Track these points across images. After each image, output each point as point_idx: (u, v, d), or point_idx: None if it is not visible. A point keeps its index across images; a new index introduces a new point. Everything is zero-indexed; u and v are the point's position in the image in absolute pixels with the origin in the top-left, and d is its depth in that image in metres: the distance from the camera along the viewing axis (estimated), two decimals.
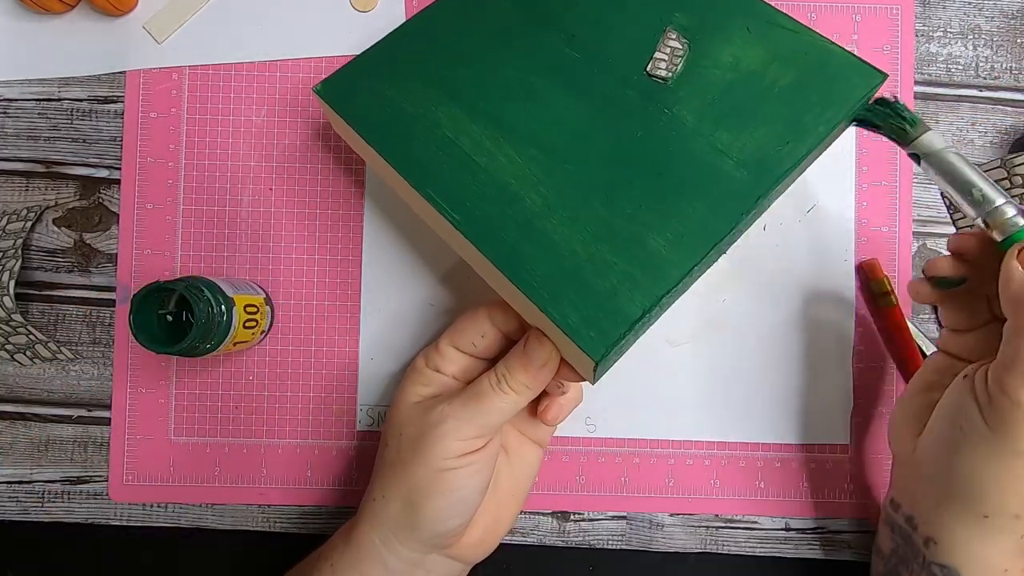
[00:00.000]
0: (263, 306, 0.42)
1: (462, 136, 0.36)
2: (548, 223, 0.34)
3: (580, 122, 0.36)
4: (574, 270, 0.33)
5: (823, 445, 0.44)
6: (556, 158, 0.35)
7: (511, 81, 0.37)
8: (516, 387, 0.34)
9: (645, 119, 0.36)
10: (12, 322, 0.42)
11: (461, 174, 0.35)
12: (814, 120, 0.35)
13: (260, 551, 0.44)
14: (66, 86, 0.45)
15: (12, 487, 0.44)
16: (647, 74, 0.37)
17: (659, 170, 0.35)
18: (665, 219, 0.34)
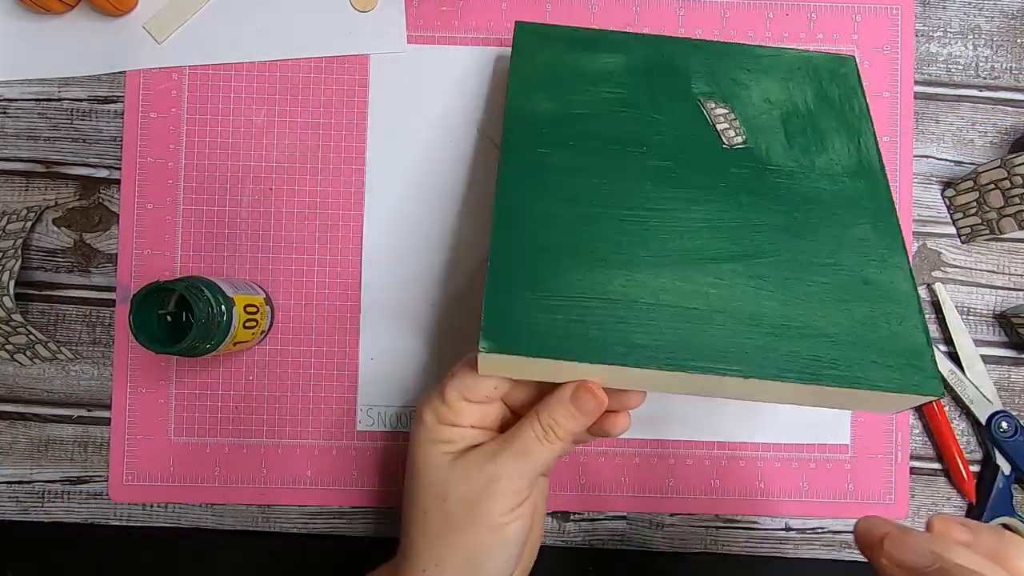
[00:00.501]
0: (263, 306, 0.42)
1: (638, 292, 0.34)
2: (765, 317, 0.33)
3: (718, 218, 0.36)
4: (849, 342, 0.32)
5: (823, 445, 0.44)
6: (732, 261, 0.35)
7: (633, 220, 0.36)
8: (563, 435, 0.34)
9: (758, 186, 0.37)
10: (12, 322, 0.42)
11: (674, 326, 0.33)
12: (851, 111, 0.40)
13: (260, 551, 0.44)
14: (66, 86, 0.45)
15: (12, 487, 0.44)
16: (729, 147, 0.38)
17: (807, 217, 0.36)
18: (849, 251, 0.35)
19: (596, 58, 0.41)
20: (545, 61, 0.41)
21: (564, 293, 0.33)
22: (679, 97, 0.40)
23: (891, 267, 0.35)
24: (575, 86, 0.40)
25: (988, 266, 0.45)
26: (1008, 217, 0.44)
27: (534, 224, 0.35)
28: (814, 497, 0.44)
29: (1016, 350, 0.45)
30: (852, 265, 0.35)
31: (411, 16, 0.45)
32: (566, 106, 0.39)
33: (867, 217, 0.36)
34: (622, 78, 0.40)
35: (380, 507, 0.44)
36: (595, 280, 0.33)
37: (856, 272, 0.35)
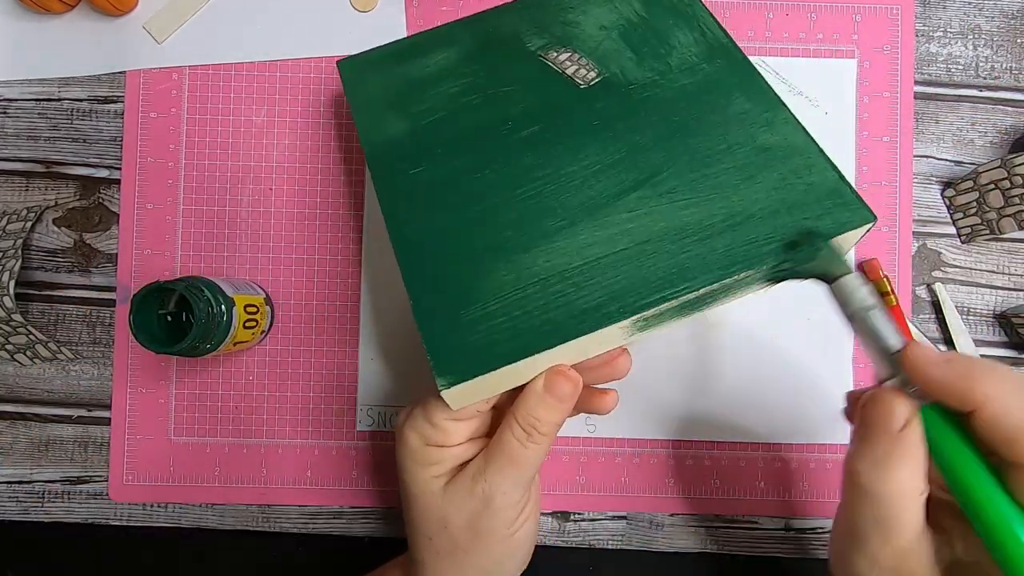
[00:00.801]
0: (263, 306, 0.42)
1: (564, 259, 0.33)
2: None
3: (605, 156, 0.36)
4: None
5: (823, 445, 0.44)
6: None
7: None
8: (546, 430, 0.32)
9: (628, 108, 0.37)
10: (12, 322, 0.42)
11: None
12: (681, 2, 0.41)
13: (260, 551, 0.44)
14: (66, 86, 0.45)
15: (12, 487, 0.44)
16: (586, 85, 0.38)
17: (685, 116, 0.37)
18: (736, 128, 0.36)
19: (427, 61, 0.40)
20: (378, 85, 0.40)
21: (495, 295, 0.32)
22: (520, 60, 0.39)
23: (779, 125, 0.35)
24: (417, 96, 0.39)
25: (988, 266, 0.45)
26: (1008, 217, 0.44)
27: (435, 244, 0.34)
28: (814, 497, 0.44)
29: (1016, 350, 0.45)
30: (744, 140, 0.35)
31: (411, 16, 0.45)
32: (416, 119, 0.38)
33: (737, 91, 0.37)
34: (459, 68, 0.40)
35: (380, 507, 0.44)
36: (519, 268, 0.33)
37: (750, 144, 0.35)
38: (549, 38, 0.40)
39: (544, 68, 0.39)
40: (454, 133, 0.37)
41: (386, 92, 0.39)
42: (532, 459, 0.33)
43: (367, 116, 0.39)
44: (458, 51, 0.40)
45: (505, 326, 0.31)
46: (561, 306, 0.31)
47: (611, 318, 0.31)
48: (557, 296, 0.32)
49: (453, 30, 0.41)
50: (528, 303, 0.32)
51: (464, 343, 0.31)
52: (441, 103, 0.38)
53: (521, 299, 0.32)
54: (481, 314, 0.32)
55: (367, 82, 0.40)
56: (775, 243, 0.32)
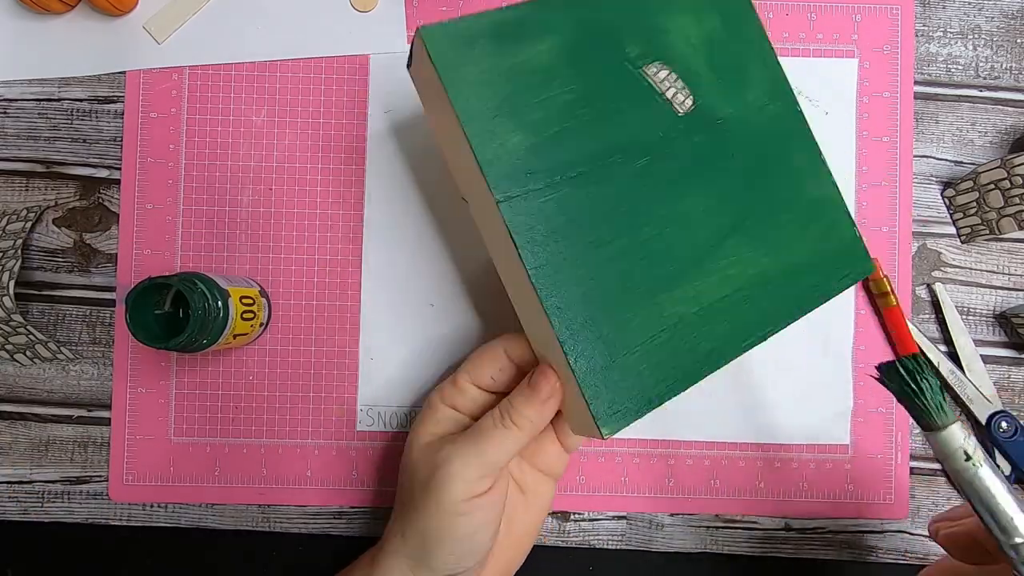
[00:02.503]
0: (259, 298, 0.42)
1: (685, 306, 0.35)
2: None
3: (706, 198, 0.36)
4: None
5: (823, 445, 0.44)
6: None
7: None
8: (519, 422, 0.33)
9: (719, 147, 0.37)
10: (12, 322, 0.42)
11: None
12: (748, 26, 0.39)
13: (260, 551, 0.44)
14: (66, 86, 0.45)
15: (12, 487, 0.44)
16: (683, 113, 0.37)
17: (760, 160, 0.38)
18: (795, 177, 0.38)
19: (532, 49, 0.34)
20: (481, 75, 0.33)
21: (636, 344, 0.33)
22: (622, 70, 0.36)
23: (823, 178, 0.39)
24: (528, 98, 0.33)
25: (988, 266, 0.45)
26: (1008, 217, 0.44)
27: (579, 290, 0.33)
28: (814, 497, 0.44)
29: (1016, 350, 0.45)
30: (800, 190, 0.38)
31: (411, 16, 0.45)
32: (533, 131, 0.33)
33: (795, 137, 0.38)
34: (566, 68, 0.34)
35: (380, 507, 0.44)
36: (650, 316, 0.34)
37: (804, 196, 0.38)
38: (644, 45, 0.36)
39: (644, 85, 0.36)
40: (573, 155, 0.34)
41: (493, 86, 0.33)
42: (498, 441, 0.34)
43: (476, 124, 0.32)
44: (560, 42, 0.34)
45: (646, 374, 0.33)
46: (688, 351, 0.34)
47: (725, 359, 0.34)
48: (683, 341, 0.34)
49: (549, 11, 0.35)
50: (661, 351, 0.34)
51: (616, 396, 0.33)
52: (556, 113, 0.34)
53: (655, 346, 0.34)
54: (626, 365, 0.33)
55: (467, 68, 0.32)
56: (819, 290, 0.37)
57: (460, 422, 0.36)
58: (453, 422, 0.36)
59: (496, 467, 0.34)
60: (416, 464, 0.36)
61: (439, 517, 0.33)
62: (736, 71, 0.38)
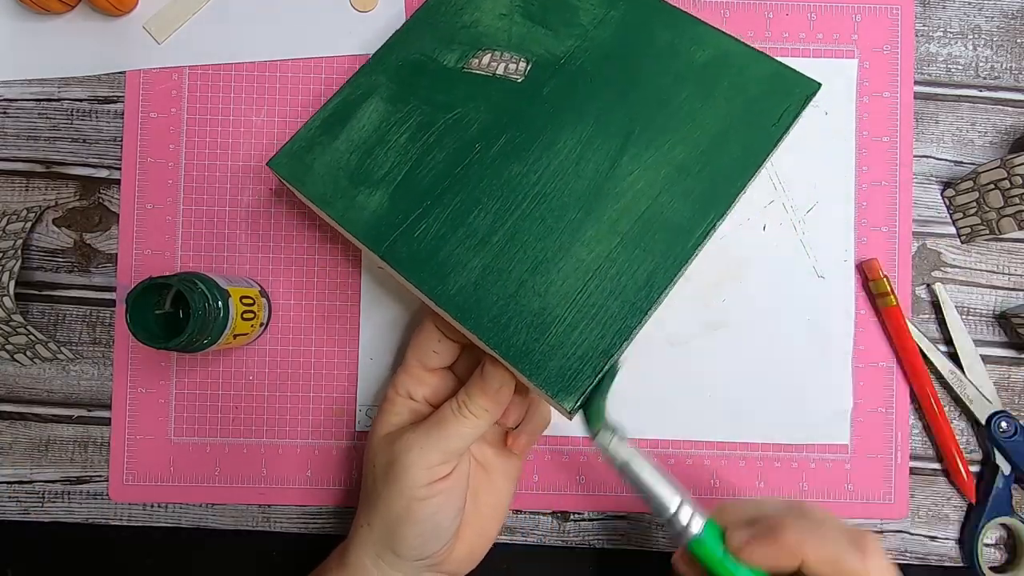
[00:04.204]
0: (259, 298, 0.42)
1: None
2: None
3: (585, 134, 0.37)
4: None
5: (823, 445, 0.44)
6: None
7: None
8: (476, 411, 0.35)
9: (580, 77, 0.38)
10: (12, 322, 0.42)
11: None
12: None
13: (260, 551, 0.44)
14: (66, 86, 0.45)
15: (12, 487, 0.44)
16: (522, 77, 0.38)
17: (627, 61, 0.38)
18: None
19: (358, 122, 0.38)
20: (326, 169, 0.38)
21: (566, 305, 0.34)
22: (447, 79, 0.38)
23: (706, 39, 0.38)
24: (373, 160, 0.37)
25: (988, 266, 0.45)
26: (1008, 217, 0.44)
27: (483, 288, 0.34)
28: (814, 497, 0.44)
29: (1016, 350, 0.45)
30: (684, 65, 0.38)
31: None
32: (386, 183, 0.37)
33: (653, 24, 0.39)
34: (395, 113, 0.38)
35: None
36: (571, 270, 0.34)
37: (691, 66, 0.38)
38: (459, 48, 0.39)
39: (475, 79, 0.38)
40: (431, 178, 0.36)
41: (338, 173, 0.37)
42: (457, 430, 0.34)
43: (337, 205, 0.36)
44: (381, 96, 0.38)
45: (590, 327, 0.33)
46: (622, 288, 0.33)
47: (669, 274, 0.33)
48: (615, 278, 0.34)
49: (364, 79, 0.39)
50: (596, 296, 0.33)
51: (565, 361, 0.32)
52: (400, 156, 0.37)
53: (588, 296, 0.33)
54: (565, 327, 0.33)
55: (313, 172, 0.37)
56: (765, 150, 0.36)
57: (417, 411, 0.38)
58: (410, 412, 0.38)
59: (456, 453, 0.35)
60: (376, 454, 0.37)
61: (402, 503, 0.34)
62: (558, 7, 0.39)
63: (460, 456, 0.35)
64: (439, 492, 0.34)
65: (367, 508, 0.37)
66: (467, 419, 0.35)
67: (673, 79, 0.37)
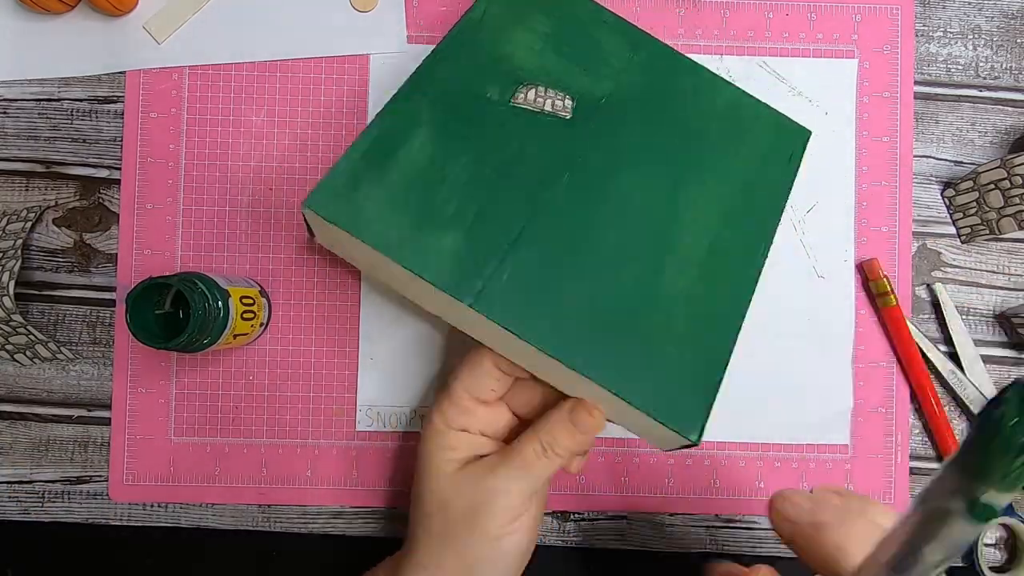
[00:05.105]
0: (259, 298, 0.42)
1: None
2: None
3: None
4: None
5: (823, 445, 0.44)
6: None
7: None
8: (561, 452, 0.34)
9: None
10: (12, 322, 0.42)
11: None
12: None
13: (260, 551, 0.44)
14: (66, 86, 0.45)
15: (12, 487, 0.44)
16: (569, 116, 0.37)
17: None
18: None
19: (407, 152, 0.34)
20: (381, 203, 0.33)
21: (669, 341, 0.34)
22: (496, 114, 0.36)
23: (719, 85, 0.41)
24: (434, 196, 0.34)
25: (988, 266, 0.45)
26: (1008, 217, 0.44)
27: (593, 332, 0.33)
28: None
29: (1016, 350, 0.45)
30: (707, 107, 0.40)
31: (411, 16, 0.45)
32: (459, 222, 0.33)
33: (676, 68, 0.41)
34: (449, 148, 0.35)
35: (380, 507, 0.44)
36: (662, 308, 0.35)
37: (715, 108, 0.40)
38: (500, 81, 0.37)
39: (525, 114, 0.37)
40: (504, 218, 0.34)
41: (397, 213, 0.33)
42: (543, 472, 0.34)
43: (405, 251, 0.32)
44: (428, 127, 0.35)
45: (696, 360, 0.33)
46: (715, 313, 0.35)
47: (747, 298, 0.36)
48: (705, 308, 0.35)
49: (403, 107, 0.35)
50: (693, 328, 0.34)
51: (679, 394, 0.33)
52: (465, 193, 0.34)
53: (687, 327, 0.34)
54: (676, 364, 0.33)
55: (365, 213, 0.32)
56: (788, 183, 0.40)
57: (476, 443, 0.36)
58: (469, 444, 0.36)
59: (537, 492, 0.35)
60: (448, 495, 0.35)
61: (487, 543, 0.34)
62: (588, 47, 0.39)
63: (539, 492, 0.36)
64: (521, 528, 0.35)
65: (436, 550, 0.35)
66: (552, 461, 0.34)
67: (702, 119, 0.39)
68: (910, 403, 0.44)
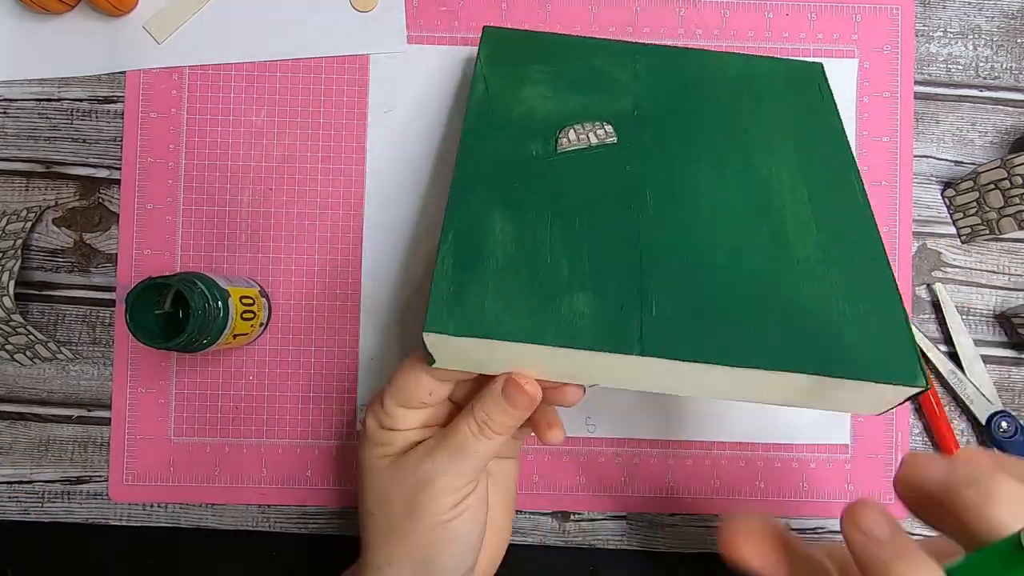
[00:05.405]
0: (259, 298, 0.42)
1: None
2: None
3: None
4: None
5: (823, 445, 0.44)
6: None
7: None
8: (498, 430, 0.33)
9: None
10: (12, 322, 0.42)
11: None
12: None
13: (260, 551, 0.44)
14: (66, 86, 0.45)
15: (12, 487, 0.44)
16: (615, 140, 0.37)
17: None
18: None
19: (490, 249, 0.33)
20: (486, 310, 0.31)
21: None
22: (551, 172, 0.36)
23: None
24: (535, 271, 0.33)
25: (988, 266, 0.45)
26: (1008, 217, 0.44)
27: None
28: (814, 497, 0.44)
29: (1016, 350, 0.45)
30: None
31: (411, 16, 0.45)
32: (579, 281, 0.32)
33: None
34: (533, 224, 0.34)
35: None
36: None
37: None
38: (536, 135, 0.37)
39: (577, 156, 0.36)
40: (620, 262, 0.33)
41: (520, 299, 0.31)
42: (481, 451, 0.33)
43: (549, 331, 0.30)
44: (494, 207, 0.34)
45: (871, 311, 0.32)
46: (853, 259, 0.33)
47: (873, 225, 0.35)
48: (841, 255, 0.33)
49: (469, 201, 0.34)
50: (856, 285, 0.32)
51: (880, 347, 0.31)
52: (571, 255, 0.33)
53: (845, 287, 0.32)
54: (849, 319, 0.31)
55: (489, 314, 0.30)
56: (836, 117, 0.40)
57: (408, 438, 0.35)
58: (402, 440, 0.35)
59: (480, 471, 0.34)
60: (386, 488, 0.34)
61: (433, 532, 0.33)
62: (593, 75, 0.40)
63: (483, 471, 0.34)
64: (467, 507, 0.34)
65: (385, 547, 0.35)
66: (490, 440, 0.33)
67: (729, 93, 0.40)
68: (910, 403, 0.44)
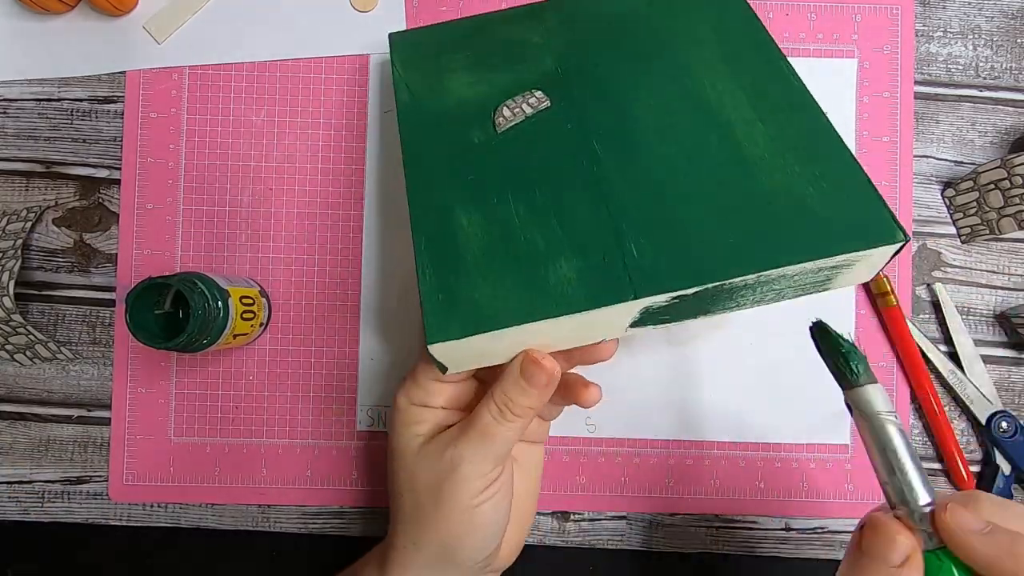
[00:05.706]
0: (259, 298, 0.42)
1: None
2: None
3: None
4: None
5: (823, 445, 0.44)
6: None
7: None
8: (520, 412, 0.33)
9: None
10: (12, 322, 0.42)
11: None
12: None
13: (260, 551, 0.44)
14: (66, 86, 0.45)
15: (12, 487, 0.44)
16: (550, 104, 0.37)
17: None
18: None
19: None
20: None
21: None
22: (494, 154, 0.36)
23: None
24: (507, 247, 0.34)
25: (988, 266, 0.45)
26: (1008, 217, 0.44)
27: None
28: (814, 497, 0.44)
29: (1016, 350, 0.45)
30: None
31: (411, 16, 0.45)
32: (569, 245, 0.33)
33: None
34: (477, 204, 0.35)
35: (380, 507, 0.44)
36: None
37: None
38: (472, 122, 0.38)
39: (518, 131, 0.37)
40: (589, 217, 0.34)
41: (509, 283, 0.32)
42: (504, 435, 0.33)
43: (547, 304, 0.31)
44: (460, 204, 0.35)
45: (835, 185, 0.32)
46: (814, 147, 0.33)
47: (823, 116, 0.35)
48: (798, 147, 0.33)
49: (427, 204, 0.35)
50: (814, 165, 0.33)
51: (852, 215, 0.31)
52: (540, 225, 0.34)
53: (805, 170, 0.32)
54: (829, 198, 0.32)
55: (483, 306, 0.31)
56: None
57: (439, 417, 0.36)
58: (433, 419, 0.36)
59: (504, 456, 0.34)
60: (415, 472, 0.35)
61: (458, 516, 0.33)
62: (508, 47, 0.40)
63: (508, 456, 0.35)
64: (492, 494, 0.34)
65: (411, 529, 0.35)
66: (512, 423, 0.33)
67: (643, 22, 0.39)
68: (910, 403, 0.44)
